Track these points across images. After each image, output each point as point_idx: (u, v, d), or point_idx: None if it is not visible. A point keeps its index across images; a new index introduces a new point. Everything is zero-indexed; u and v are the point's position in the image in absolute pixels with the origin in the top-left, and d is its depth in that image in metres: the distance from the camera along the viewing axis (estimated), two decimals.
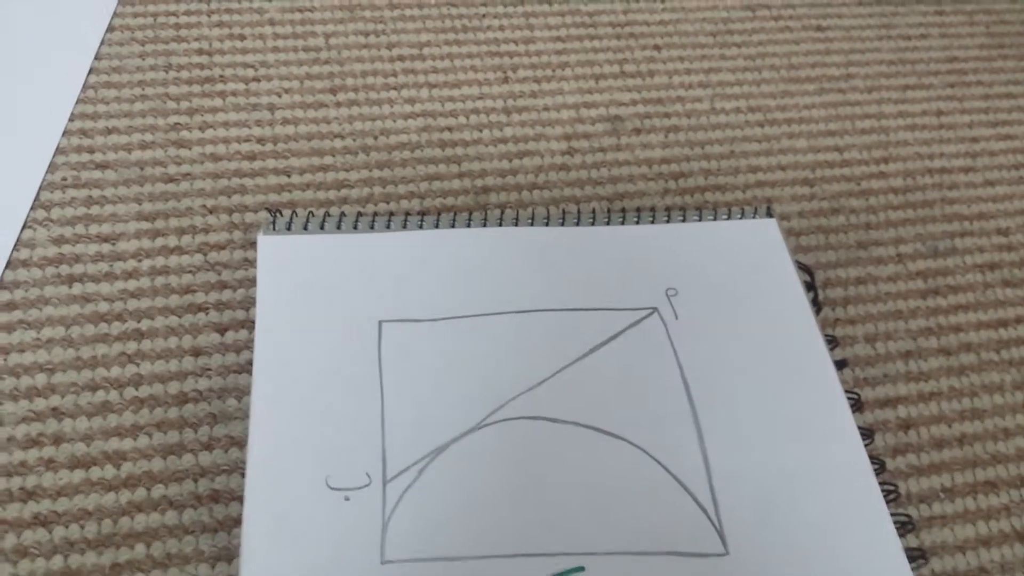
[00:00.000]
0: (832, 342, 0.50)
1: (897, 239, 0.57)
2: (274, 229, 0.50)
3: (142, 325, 0.47)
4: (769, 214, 0.55)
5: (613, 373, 0.47)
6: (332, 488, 0.42)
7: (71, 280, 0.48)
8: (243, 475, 0.42)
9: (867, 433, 0.47)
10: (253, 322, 0.47)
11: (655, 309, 0.49)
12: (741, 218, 0.54)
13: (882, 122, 0.63)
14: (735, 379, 0.47)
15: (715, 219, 0.54)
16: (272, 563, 0.39)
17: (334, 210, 0.53)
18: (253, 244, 0.50)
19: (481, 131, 0.58)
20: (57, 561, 0.41)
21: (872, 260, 0.55)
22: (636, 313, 0.49)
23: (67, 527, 0.41)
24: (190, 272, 0.50)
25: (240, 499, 0.42)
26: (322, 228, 0.50)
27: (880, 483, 0.45)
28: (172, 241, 0.51)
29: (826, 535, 0.43)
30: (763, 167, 0.59)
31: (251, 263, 0.50)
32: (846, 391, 0.48)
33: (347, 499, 0.41)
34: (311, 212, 0.52)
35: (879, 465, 0.46)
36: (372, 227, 0.51)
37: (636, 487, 0.43)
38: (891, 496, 0.45)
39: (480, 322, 0.48)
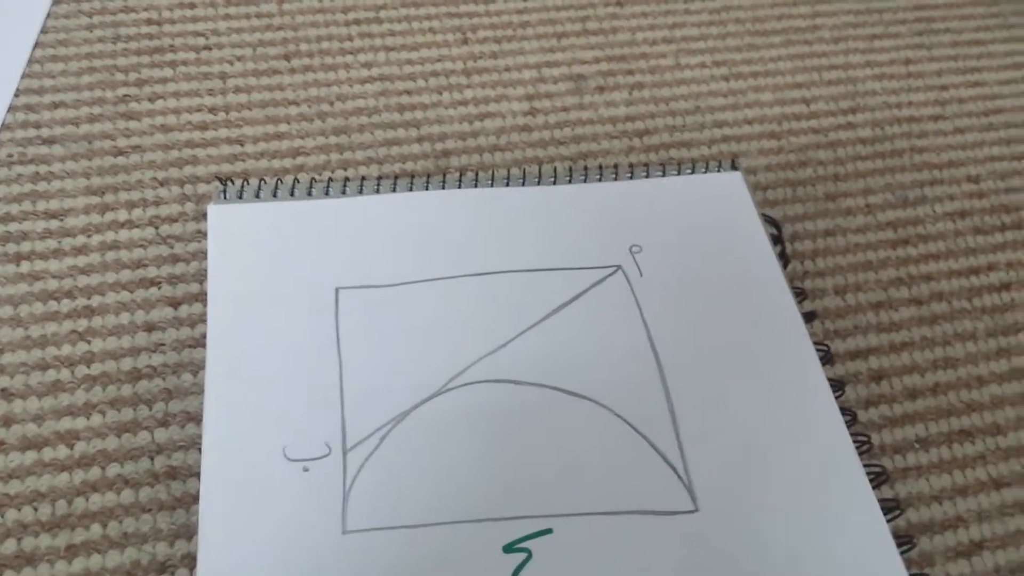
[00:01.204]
0: (801, 295, 0.49)
1: (866, 190, 0.56)
2: (225, 198, 0.49)
3: (93, 302, 0.46)
4: (734, 167, 0.54)
5: (577, 333, 0.46)
6: (290, 459, 0.41)
7: (18, 258, 0.47)
8: (200, 451, 0.41)
9: (838, 385, 0.46)
10: (207, 295, 0.46)
11: (619, 267, 0.48)
12: (706, 172, 0.53)
13: (849, 72, 0.62)
14: (701, 335, 0.46)
15: (679, 174, 0.53)
16: (231, 538, 0.39)
17: (288, 177, 0.51)
18: (205, 215, 0.49)
19: (441, 94, 0.57)
20: (10, 545, 0.39)
21: (841, 211, 0.54)
22: (599, 272, 0.48)
23: (19, 510, 0.40)
24: (141, 246, 0.48)
25: (198, 475, 0.41)
26: (275, 196, 0.49)
27: (852, 435, 0.44)
28: (122, 215, 0.49)
29: (797, 489, 0.42)
30: (729, 122, 0.58)
31: (204, 235, 0.48)
32: (816, 343, 0.47)
33: (306, 470, 0.40)
34: (263, 180, 0.51)
35: (851, 417, 0.45)
36: (327, 193, 0.50)
37: (603, 447, 0.42)
38: (863, 448, 0.44)
39: (440, 286, 0.47)
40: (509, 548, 0.39)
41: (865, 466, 0.43)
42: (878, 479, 0.44)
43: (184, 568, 0.39)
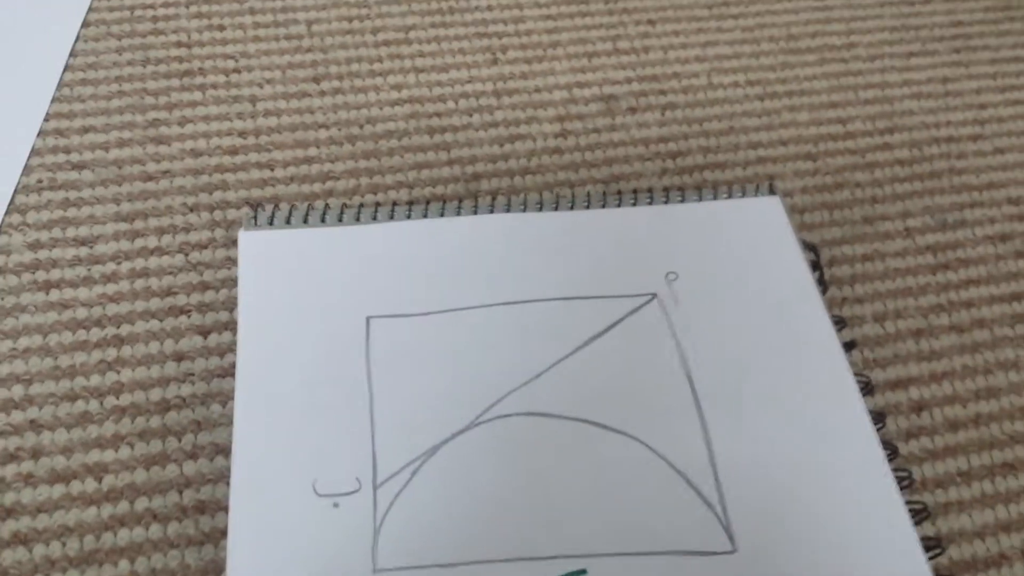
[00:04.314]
0: (840, 323, 0.48)
1: (904, 212, 0.55)
2: (256, 224, 0.49)
3: (122, 331, 0.46)
4: (772, 191, 0.53)
5: (612, 364, 0.45)
6: (320, 495, 0.40)
7: (48, 286, 0.47)
8: (229, 484, 0.41)
9: (878, 417, 0.45)
10: (237, 323, 0.45)
11: (654, 295, 0.47)
12: (743, 196, 0.52)
13: (886, 91, 0.61)
14: (739, 366, 0.45)
15: (715, 198, 0.52)
16: (259, 575, 0.38)
17: (318, 203, 0.51)
18: (235, 242, 0.49)
19: (471, 116, 0.57)
20: None
21: (879, 235, 0.53)
22: (635, 300, 0.47)
23: (48, 545, 0.40)
24: (171, 273, 0.48)
25: (227, 509, 0.40)
26: (306, 222, 0.49)
27: (893, 469, 0.43)
28: (152, 242, 0.49)
29: (838, 527, 0.41)
30: (764, 142, 0.57)
31: (234, 262, 0.48)
32: (856, 374, 0.46)
33: (336, 506, 0.40)
34: (294, 205, 0.50)
35: (891, 451, 0.44)
36: (358, 219, 0.49)
37: (638, 484, 0.41)
38: (905, 483, 0.43)
39: (472, 315, 0.46)
40: None
41: (907, 503, 0.42)
42: (919, 516, 0.43)
43: None
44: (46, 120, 0.53)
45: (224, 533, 0.40)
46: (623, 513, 0.41)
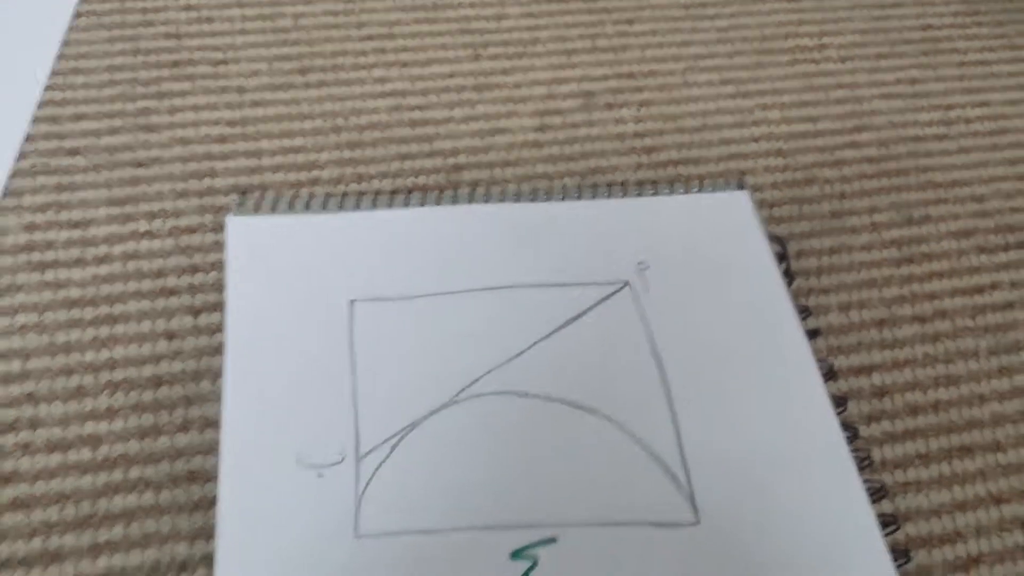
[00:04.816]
0: (805, 312, 0.50)
1: (871, 208, 0.57)
2: (243, 210, 0.50)
3: (115, 310, 0.47)
4: (741, 186, 0.55)
5: (585, 347, 0.47)
6: (305, 465, 0.42)
7: (43, 267, 0.48)
8: (218, 455, 0.42)
9: (841, 401, 0.47)
10: (225, 304, 0.47)
11: (626, 283, 0.49)
12: (713, 191, 0.54)
13: (856, 91, 0.63)
14: (706, 350, 0.47)
15: (686, 192, 0.54)
16: (247, 540, 0.40)
17: (304, 191, 0.53)
18: (224, 227, 0.50)
19: (452, 109, 0.58)
20: (36, 543, 0.41)
21: (846, 229, 0.55)
22: (607, 287, 0.49)
23: (45, 509, 0.41)
24: (161, 256, 0.49)
25: (216, 479, 0.42)
26: (291, 209, 0.50)
27: (853, 450, 0.45)
28: (143, 226, 0.50)
29: (797, 503, 0.43)
30: (736, 139, 0.59)
31: (223, 246, 0.50)
32: (819, 360, 0.48)
33: (320, 476, 0.42)
34: (280, 193, 0.52)
35: (852, 432, 0.46)
36: (342, 207, 0.51)
37: (607, 459, 0.43)
38: (864, 463, 0.45)
39: (452, 300, 0.48)
40: (516, 555, 0.40)
41: (865, 481, 0.44)
42: (877, 494, 0.45)
43: (203, 568, 0.40)
44: (39, 107, 0.55)
45: (213, 501, 0.42)
46: (592, 486, 0.43)
